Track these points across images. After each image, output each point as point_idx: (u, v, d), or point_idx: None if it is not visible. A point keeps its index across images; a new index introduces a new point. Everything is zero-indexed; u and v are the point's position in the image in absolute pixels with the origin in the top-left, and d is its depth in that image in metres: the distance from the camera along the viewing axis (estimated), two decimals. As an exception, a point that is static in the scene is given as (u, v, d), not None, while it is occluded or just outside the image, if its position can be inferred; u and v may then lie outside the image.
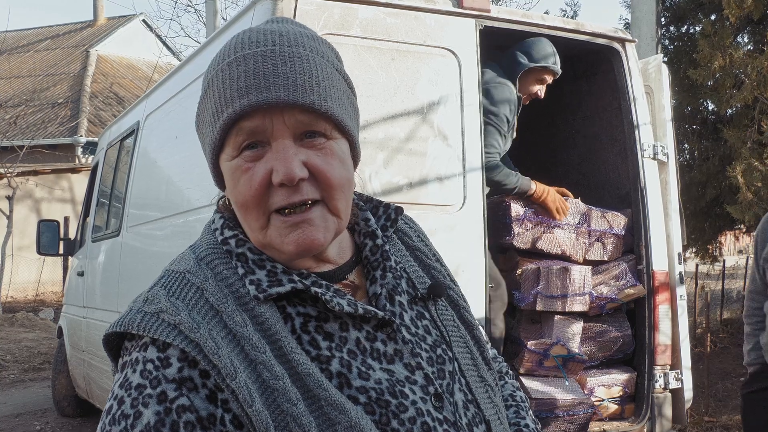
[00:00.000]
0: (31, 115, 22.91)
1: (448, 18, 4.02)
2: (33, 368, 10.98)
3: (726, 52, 7.09)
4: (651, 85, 4.69)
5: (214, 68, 1.23)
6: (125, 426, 1.08)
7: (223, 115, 1.18)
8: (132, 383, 1.11)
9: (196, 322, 1.12)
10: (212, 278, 1.20)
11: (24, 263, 18.20)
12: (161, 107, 5.35)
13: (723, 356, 9.56)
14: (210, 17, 12.54)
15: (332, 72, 1.23)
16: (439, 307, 1.38)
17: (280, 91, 1.15)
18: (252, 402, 1.08)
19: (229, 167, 1.21)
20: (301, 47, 1.20)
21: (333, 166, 1.20)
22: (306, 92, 1.16)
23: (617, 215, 4.41)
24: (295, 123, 1.17)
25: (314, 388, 1.13)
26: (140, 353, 1.13)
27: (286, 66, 1.17)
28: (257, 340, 1.14)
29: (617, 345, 4.41)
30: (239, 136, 1.18)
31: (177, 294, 1.17)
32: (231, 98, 1.17)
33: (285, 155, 1.16)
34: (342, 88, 1.25)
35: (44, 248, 7.89)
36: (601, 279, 4.36)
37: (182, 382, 1.10)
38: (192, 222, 4.30)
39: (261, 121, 1.16)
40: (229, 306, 1.16)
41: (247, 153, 1.18)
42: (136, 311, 1.16)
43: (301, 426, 1.09)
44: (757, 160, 6.82)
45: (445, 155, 3.92)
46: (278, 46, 1.19)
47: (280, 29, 1.23)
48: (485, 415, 1.32)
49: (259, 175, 1.17)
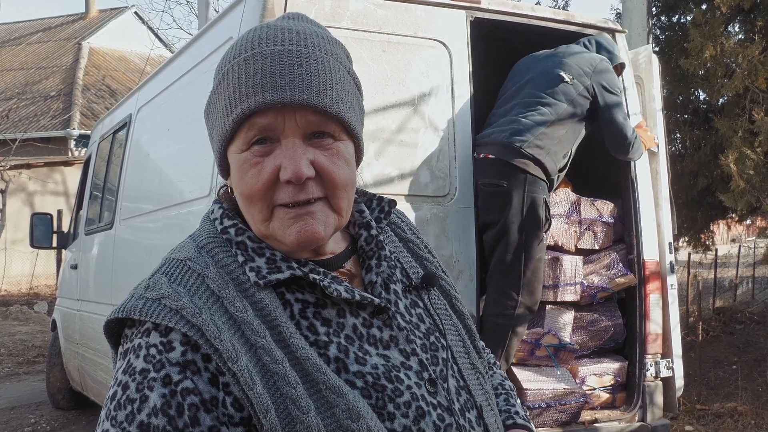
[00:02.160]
0: (24, 108, 22.85)
1: (438, 9, 4.03)
2: (27, 361, 10.98)
3: (717, 41, 7.10)
4: (641, 76, 4.70)
5: (230, 61, 1.25)
6: (132, 410, 1.10)
7: (237, 110, 1.20)
8: (136, 368, 1.13)
9: (198, 308, 1.15)
10: (213, 265, 1.23)
11: (18, 257, 18.19)
12: (153, 99, 5.35)
13: (715, 344, 9.60)
14: (202, 9, 12.49)
15: (344, 75, 1.26)
16: (432, 296, 1.42)
17: (295, 91, 1.18)
18: (253, 385, 1.10)
19: (238, 159, 1.23)
20: (317, 48, 1.23)
21: (339, 166, 1.23)
22: (320, 94, 1.20)
23: (606, 203, 4.43)
24: (306, 123, 1.20)
25: (313, 372, 1.15)
26: (143, 339, 1.15)
27: (302, 67, 1.20)
28: (257, 325, 1.16)
29: (608, 334, 4.43)
30: (251, 131, 1.21)
31: (179, 280, 1.20)
32: (246, 94, 1.19)
33: (294, 153, 1.20)
34: (352, 91, 1.28)
35: (37, 241, 7.90)
36: (592, 268, 4.39)
37: (186, 365, 1.12)
38: (184, 214, 4.31)
39: (274, 119, 1.19)
40: (230, 292, 1.19)
41: (257, 148, 1.22)
42: (138, 297, 1.18)
43: (300, 408, 1.11)
44: (749, 149, 6.83)
45: (437, 146, 3.94)
46: (295, 46, 1.22)
47: (297, 27, 1.25)
48: (476, 400, 1.35)
49: (267, 170, 1.20)
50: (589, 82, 4.07)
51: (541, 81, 4.12)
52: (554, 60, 4.18)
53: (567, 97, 4.05)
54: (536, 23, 4.38)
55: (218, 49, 4.11)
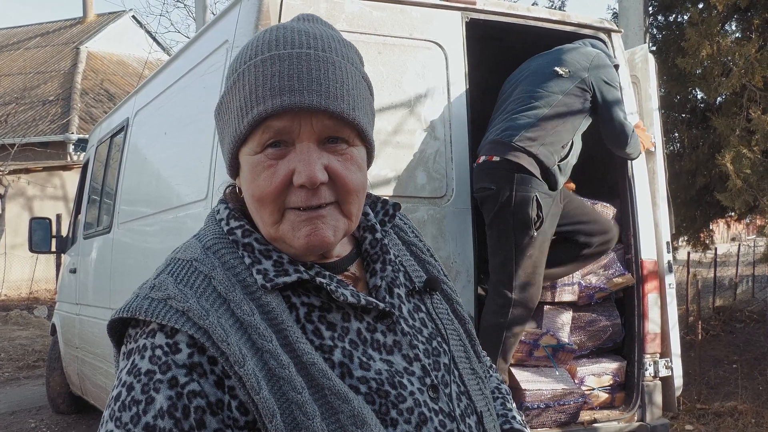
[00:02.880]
0: (22, 112, 22.86)
1: (434, 11, 4.03)
2: (27, 366, 10.98)
3: (714, 40, 7.10)
4: (637, 75, 4.70)
5: (245, 62, 1.24)
6: (137, 411, 1.09)
7: (253, 112, 1.19)
8: (141, 369, 1.12)
9: (205, 310, 1.14)
10: (220, 267, 1.22)
11: (17, 261, 18.19)
12: (150, 103, 5.35)
13: (715, 344, 9.59)
14: (199, 12, 12.48)
15: (360, 80, 1.26)
16: (434, 300, 1.43)
17: (312, 96, 1.18)
18: (259, 389, 1.10)
19: (251, 161, 1.23)
20: (333, 53, 1.23)
21: (352, 171, 1.23)
22: (337, 100, 1.19)
23: (606, 206, 4.43)
24: (321, 128, 1.20)
25: (318, 377, 1.15)
26: (148, 339, 1.14)
27: (320, 72, 1.19)
28: (264, 329, 1.16)
29: (607, 334, 4.43)
30: (266, 133, 1.20)
31: (185, 281, 1.19)
32: (263, 96, 1.19)
33: (309, 158, 1.19)
34: (366, 96, 1.28)
35: (36, 246, 7.90)
36: (590, 269, 4.38)
37: (192, 367, 1.12)
38: (182, 218, 4.31)
39: (289, 123, 1.19)
40: (237, 295, 1.19)
41: (271, 151, 1.21)
42: (143, 297, 1.17)
43: (305, 414, 1.11)
44: (746, 148, 6.83)
45: (433, 147, 3.94)
46: (312, 49, 1.21)
47: (313, 30, 1.25)
48: (477, 406, 1.36)
49: (281, 173, 1.20)
50: (587, 74, 4.06)
51: (534, 78, 4.12)
52: (548, 57, 4.18)
53: (561, 89, 4.03)
54: (532, 24, 4.38)
55: (214, 52, 4.10)
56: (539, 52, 4.32)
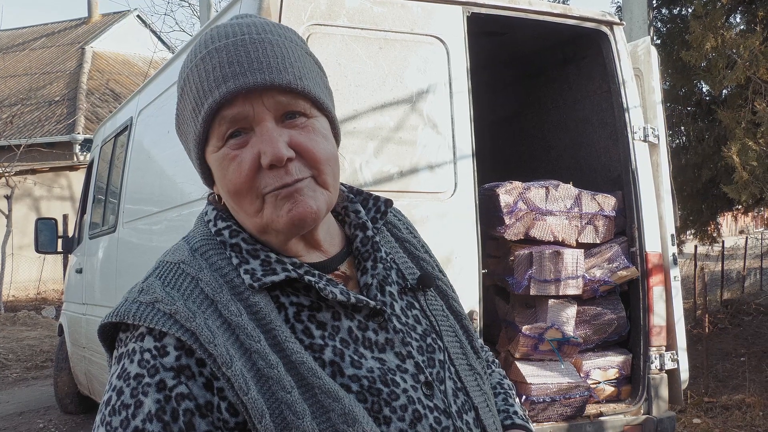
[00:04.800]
0: (28, 113, 22.89)
1: (435, 5, 4.02)
2: (35, 366, 11.02)
3: (718, 32, 7.08)
4: (640, 68, 4.69)
5: (188, 66, 1.24)
6: (126, 416, 1.09)
7: (204, 107, 1.19)
8: (130, 373, 1.12)
9: (192, 312, 1.14)
10: (207, 268, 1.22)
11: (25, 262, 18.24)
12: (153, 102, 5.36)
13: (723, 337, 9.58)
14: (204, 11, 12.49)
15: (303, 54, 1.26)
16: (428, 297, 1.41)
17: (256, 75, 1.17)
18: (247, 390, 1.10)
19: (216, 158, 1.22)
20: (269, 34, 1.23)
21: (317, 142, 1.22)
22: (281, 73, 1.19)
23: (607, 197, 4.42)
24: (275, 104, 1.19)
25: (308, 376, 1.14)
26: (137, 343, 1.14)
27: (258, 51, 1.19)
28: (252, 329, 1.15)
29: (612, 327, 4.42)
30: (222, 125, 1.20)
31: (172, 284, 1.18)
32: (209, 89, 1.19)
33: (270, 137, 1.18)
34: (314, 69, 1.27)
35: (42, 246, 7.92)
36: (594, 262, 4.38)
37: (180, 370, 1.11)
38: (186, 215, 4.32)
39: (242, 108, 1.18)
40: (224, 296, 1.18)
41: (232, 141, 1.20)
42: (132, 301, 1.17)
43: (295, 413, 1.11)
44: (752, 140, 6.81)
45: (435, 143, 3.93)
46: (248, 35, 1.21)
47: (246, 21, 1.25)
48: (474, 402, 1.34)
49: (247, 160, 1.19)
50: None
51: None
52: None
53: None
54: (534, 17, 4.36)
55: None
56: (541, 46, 4.31)
